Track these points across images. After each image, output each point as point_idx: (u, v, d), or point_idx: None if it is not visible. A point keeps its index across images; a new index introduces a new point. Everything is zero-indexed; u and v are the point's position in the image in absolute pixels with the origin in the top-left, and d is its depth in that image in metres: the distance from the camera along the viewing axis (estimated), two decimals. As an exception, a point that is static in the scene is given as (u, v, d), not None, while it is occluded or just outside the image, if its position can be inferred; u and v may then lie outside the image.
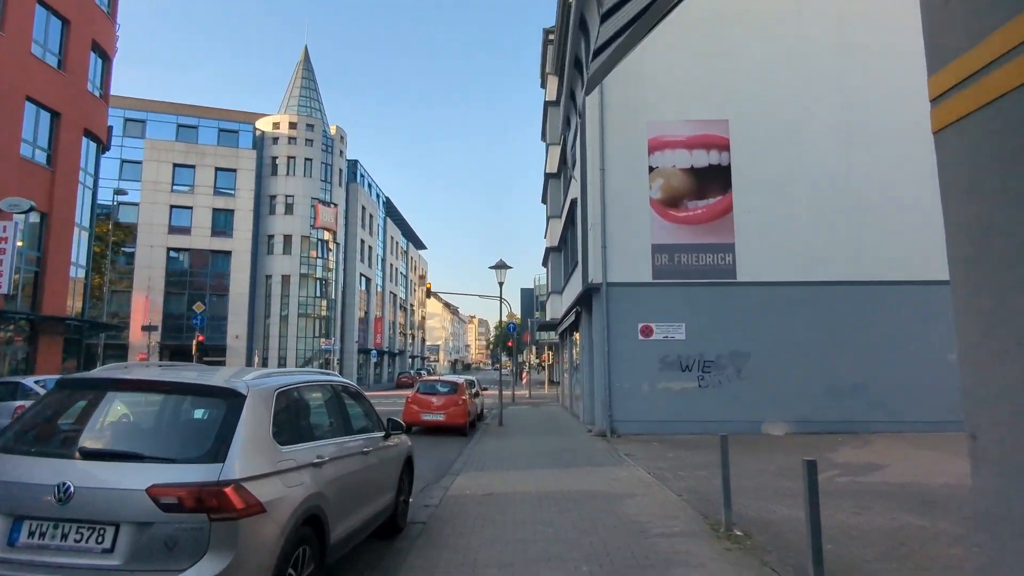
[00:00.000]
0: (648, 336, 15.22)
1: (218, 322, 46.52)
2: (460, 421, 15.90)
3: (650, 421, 14.92)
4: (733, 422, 14.74)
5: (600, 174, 15.69)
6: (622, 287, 15.39)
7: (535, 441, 14.30)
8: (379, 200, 67.38)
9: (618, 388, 15.05)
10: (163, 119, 47.32)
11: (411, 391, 16.83)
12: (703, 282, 15.37)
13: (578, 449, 12.66)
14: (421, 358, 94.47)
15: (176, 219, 46.30)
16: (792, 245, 15.42)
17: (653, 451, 12.16)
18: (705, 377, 15.07)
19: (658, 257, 15.50)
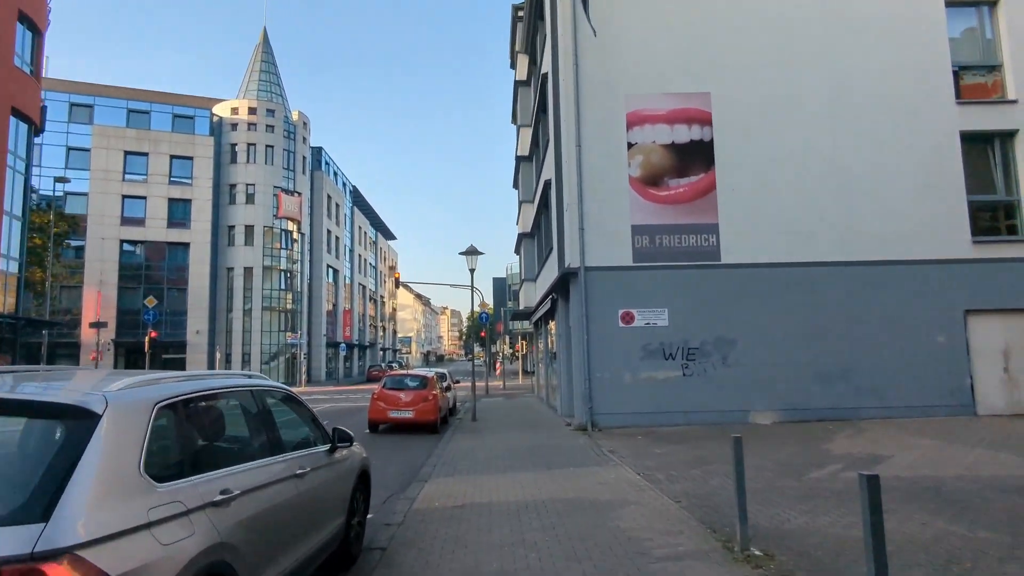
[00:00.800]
0: (629, 323, 14.33)
1: (177, 317, 44.50)
2: (430, 418, 14.84)
3: (633, 413, 14.06)
4: (719, 412, 14.00)
5: (576, 151, 14.68)
6: (601, 271, 14.45)
7: (511, 438, 13.32)
8: (346, 189, 65.45)
9: (598, 378, 14.15)
10: (112, 104, 44.81)
11: (378, 385, 15.69)
12: (686, 265, 14.52)
13: (558, 446, 11.71)
14: (393, 350, 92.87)
15: (129, 210, 43.99)
16: (778, 225, 14.65)
17: (638, 447, 11.27)
18: (689, 365, 14.25)
19: (639, 239, 14.59)
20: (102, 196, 43.00)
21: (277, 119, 49.48)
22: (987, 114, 15.18)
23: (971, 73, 15.46)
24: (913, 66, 15.13)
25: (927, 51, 15.20)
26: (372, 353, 75.84)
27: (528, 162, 26.54)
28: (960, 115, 15.04)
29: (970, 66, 15.45)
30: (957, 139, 14.93)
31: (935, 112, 15.03)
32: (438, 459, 10.75)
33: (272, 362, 47.68)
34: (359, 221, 69.95)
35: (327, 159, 58.94)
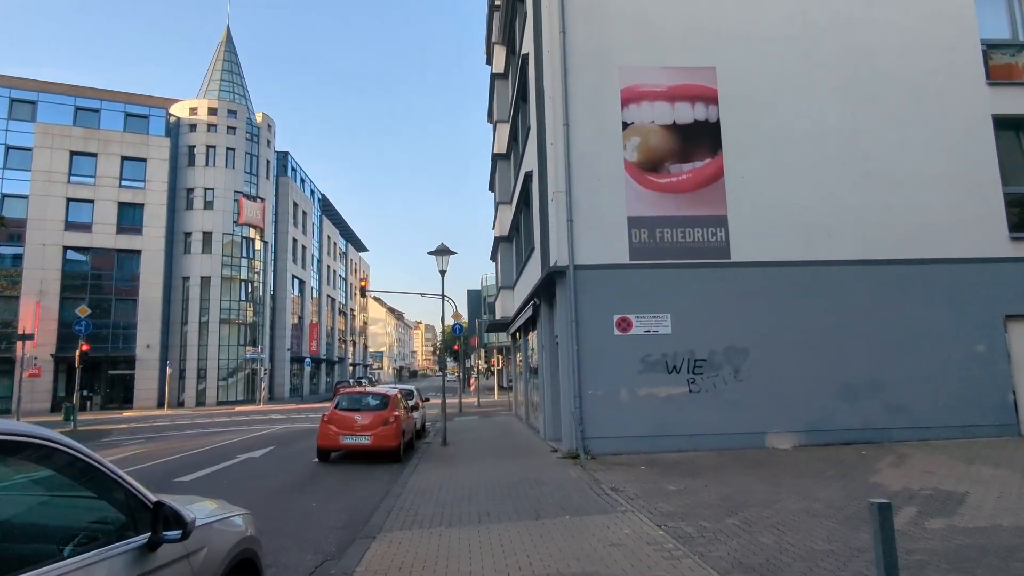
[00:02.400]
0: (626, 331, 12.24)
1: (126, 330, 41.26)
2: (391, 444, 12.51)
3: (631, 437, 11.93)
4: (731, 435, 11.95)
5: (563, 131, 12.64)
6: (593, 270, 12.37)
7: (488, 468, 11.06)
8: (314, 197, 62.76)
9: (590, 396, 12.00)
10: (58, 100, 41.73)
11: (329, 405, 13.30)
12: (691, 263, 12.52)
13: (546, 481, 9.49)
14: (364, 366, 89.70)
15: (75, 214, 40.78)
16: (793, 218, 12.77)
17: (645, 481, 9.11)
18: (696, 380, 12.19)
19: (636, 233, 12.56)
20: (44, 199, 39.76)
21: (239, 120, 46.81)
22: (1021, 97, 13.58)
23: (1000, 52, 13.87)
24: (939, 41, 13.48)
25: (953, 24, 13.58)
26: (341, 368, 72.73)
27: (505, 160, 24.51)
28: (992, 97, 13.41)
29: (999, 44, 13.86)
30: (990, 123, 13.27)
31: (964, 93, 13.38)
32: (396, 500, 8.47)
33: (230, 378, 44.56)
34: (328, 231, 67.20)
35: (294, 164, 56.30)
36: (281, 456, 13.82)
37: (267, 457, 13.61)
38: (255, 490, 9.66)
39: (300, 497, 9.08)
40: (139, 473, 11.57)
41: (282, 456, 13.83)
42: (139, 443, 17.61)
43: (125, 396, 40.93)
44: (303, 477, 10.89)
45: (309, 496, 9.17)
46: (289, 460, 13.13)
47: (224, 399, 43.51)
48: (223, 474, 11.30)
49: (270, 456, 13.80)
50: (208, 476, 11.04)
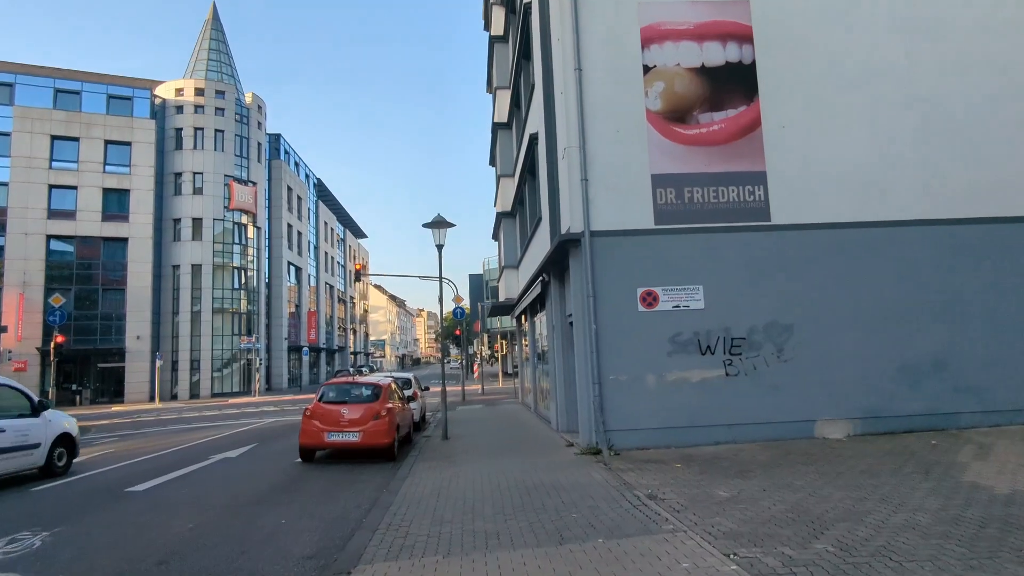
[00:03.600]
0: (652, 306, 10.57)
1: (114, 322, 39.73)
2: (383, 442, 10.90)
3: (660, 429, 10.31)
4: (775, 423, 10.35)
5: (575, 76, 10.88)
6: (612, 237, 10.68)
7: (495, 469, 9.45)
8: (309, 181, 60.92)
9: (612, 383, 10.36)
10: (37, 82, 39.83)
11: (313, 397, 11.67)
12: (726, 227, 10.83)
13: (565, 485, 7.87)
14: (365, 354, 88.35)
15: (58, 201, 39.06)
16: (843, 172, 11.05)
17: (688, 485, 7.49)
18: (734, 361, 10.55)
19: (662, 193, 10.85)
20: (25, 186, 38.02)
21: (228, 101, 44.88)
22: (1101, 29, 11.78)
23: (1075, -21, 12.04)
24: (1008, -34, 11.66)
25: (1025, -53, 11.75)
26: (342, 357, 71.32)
27: (507, 129, 22.71)
28: (1070, 29, 11.61)
29: (1075, -30, 12.03)
30: (1068, 60, 11.50)
31: (1038, 26, 11.58)
32: (384, 513, 6.86)
33: (225, 369, 43.07)
34: (325, 216, 65.40)
35: (287, 147, 54.41)
36: (260, 456, 12.24)
37: (244, 458, 12.03)
38: (218, 501, 8.07)
39: (268, 511, 7.48)
40: (91, 481, 9.99)
41: (261, 456, 12.25)
42: (113, 441, 16.06)
43: (116, 390, 39.48)
44: (279, 483, 9.30)
45: (280, 509, 7.57)
46: (268, 461, 11.55)
47: (219, 391, 42.07)
48: (187, 481, 9.71)
49: (248, 456, 12.22)
50: (168, 483, 9.45)
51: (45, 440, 10.25)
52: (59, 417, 10.95)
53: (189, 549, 5.95)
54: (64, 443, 10.75)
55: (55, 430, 10.55)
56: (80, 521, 7.12)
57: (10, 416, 9.74)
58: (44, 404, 10.58)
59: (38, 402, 10.44)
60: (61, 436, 10.67)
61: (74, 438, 11.09)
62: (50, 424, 10.46)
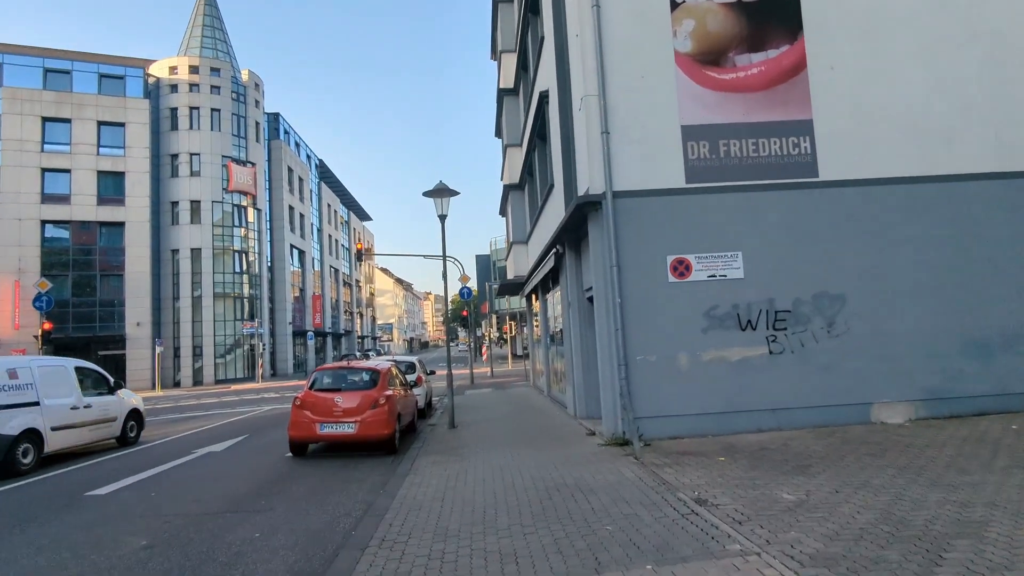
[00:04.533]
0: (684, 276, 9.28)
1: (113, 308, 38.77)
2: (382, 433, 9.72)
3: (696, 415, 9.07)
4: (826, 407, 9.10)
5: (592, 13, 9.47)
6: (638, 198, 9.35)
7: (510, 464, 8.25)
8: (310, 162, 59.53)
9: (640, 364, 9.10)
10: (25, 62, 38.49)
11: (304, 384, 10.47)
12: (767, 184, 9.48)
13: (594, 485, 6.66)
14: (372, 338, 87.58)
15: (51, 185, 37.90)
16: (900, 120, 9.64)
17: (742, 484, 6.25)
18: (778, 338, 9.26)
19: (693, 147, 9.50)
20: (17, 170, 36.88)
21: (224, 79, 43.41)
22: None
23: None
24: None
25: None
26: (349, 341, 70.46)
27: (513, 95, 21.28)
28: None
29: None
30: None
31: (1125, -54, 10.04)
32: (377, 525, 5.69)
33: (228, 355, 42.16)
34: (327, 198, 64.09)
35: (286, 127, 52.95)
36: (247, 450, 11.10)
37: (230, 452, 10.90)
38: (187, 508, 6.92)
39: (242, 521, 6.32)
40: (52, 483, 8.87)
41: (249, 450, 11.12)
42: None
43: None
44: (262, 483, 8.14)
45: (256, 518, 6.40)
46: (255, 455, 10.41)
47: (222, 377, 41.20)
48: (158, 481, 8.58)
49: (234, 451, 11.09)
50: (137, 485, 8.32)
51: (120, 414, 12.07)
52: (129, 395, 12.73)
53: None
54: (134, 417, 12.55)
55: (127, 406, 12.35)
56: (9, 539, 5.97)
57: (95, 394, 11.46)
58: (119, 384, 12.43)
59: (114, 382, 12.23)
60: (132, 411, 12.48)
61: (142, 413, 12.92)
62: (123, 401, 12.26)
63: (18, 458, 9.36)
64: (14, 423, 9.39)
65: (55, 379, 10.61)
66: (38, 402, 9.99)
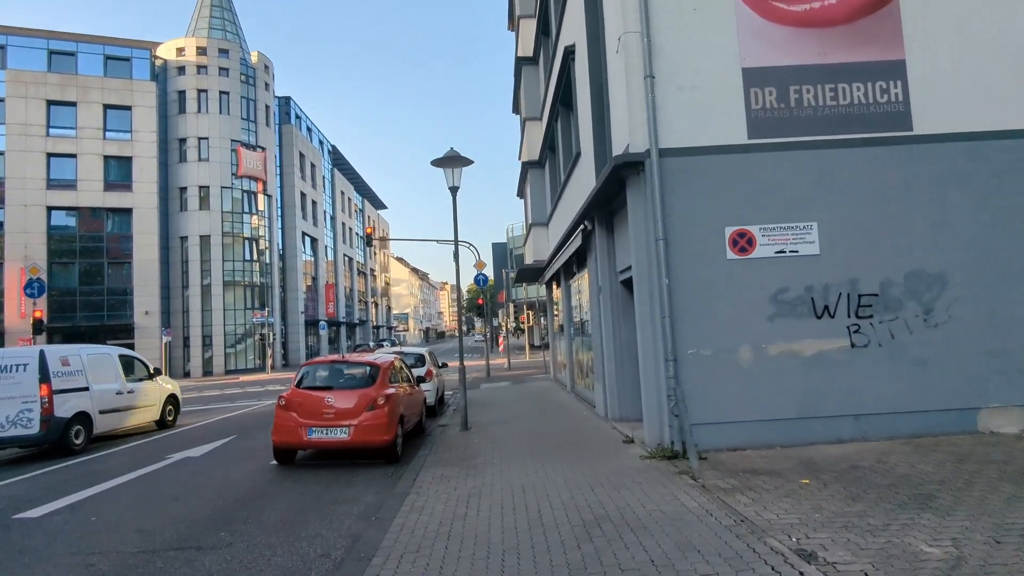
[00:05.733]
0: (747, 252, 7.60)
1: (121, 297, 37.84)
2: (380, 439, 8.20)
3: (759, 422, 7.41)
4: (922, 413, 7.38)
5: (634, -68, 7.76)
6: (689, 157, 7.67)
7: (534, 482, 6.67)
8: (323, 148, 58.23)
9: (691, 360, 7.46)
10: (29, 44, 37.47)
11: (291, 380, 8.97)
12: (849, 139, 7.74)
13: (646, 521, 5.06)
14: (387, 328, 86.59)
15: (57, 171, 36.97)
16: (1017, 57, 7.82)
17: (853, 525, 4.61)
18: (862, 327, 7.55)
19: (757, 95, 7.78)
20: (22, 155, 35.93)
21: (232, 61, 42.12)
22: None
23: None
24: None
25: None
26: (363, 331, 69.45)
27: (532, 64, 19.58)
28: None
29: None
30: None
31: None
32: (362, 572, 4.15)
33: (239, 344, 41.14)
34: (341, 185, 62.85)
35: (298, 111, 51.62)
36: (229, 456, 9.66)
37: (208, 458, 9.46)
38: (124, 541, 5.47)
39: (187, 564, 4.84)
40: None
41: (230, 456, 9.67)
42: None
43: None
44: (230, 504, 6.66)
45: (205, 560, 4.92)
46: (235, 464, 8.96)
47: (233, 367, 40.20)
48: (110, 498, 7.15)
49: (213, 456, 9.65)
50: (80, 504, 6.88)
51: (159, 399, 12.84)
52: (167, 381, 13.57)
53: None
54: (172, 402, 13.31)
55: (165, 392, 13.14)
56: None
57: (136, 380, 12.21)
58: (158, 370, 13.21)
59: (154, 369, 13.02)
60: (170, 396, 13.25)
61: (178, 398, 13.70)
62: (161, 387, 13.05)
63: (71, 439, 10.17)
64: (68, 406, 10.22)
65: (102, 366, 11.44)
66: (88, 387, 10.80)
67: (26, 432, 9.71)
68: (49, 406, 9.88)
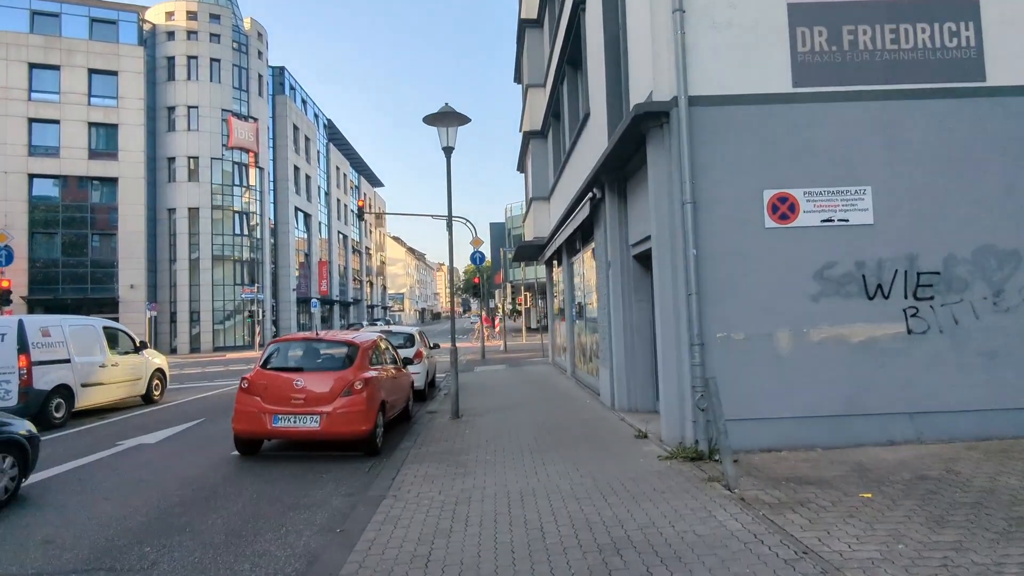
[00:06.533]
0: (788, 220, 6.48)
1: (106, 270, 36.61)
2: (356, 429, 7.12)
3: (799, 418, 6.35)
4: (990, 412, 6.31)
5: None
6: (723, 107, 6.52)
7: (536, 487, 5.62)
8: (318, 121, 56.63)
9: (721, 345, 6.38)
10: (11, 3, 35.76)
11: (255, 361, 7.85)
12: (910, 90, 6.59)
13: (682, 550, 3.99)
14: (382, 307, 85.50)
15: (38, 137, 35.53)
16: (1110, 0, 6.65)
17: (950, 560, 3.54)
18: (921, 310, 6.46)
19: (805, 35, 6.61)
20: (1, 119, 34.44)
21: (224, 27, 40.44)
22: None
23: None
24: None
25: None
26: (358, 310, 68.35)
27: (537, 27, 18.28)
28: None
29: None
30: None
31: None
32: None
33: (228, 321, 40.01)
34: (336, 161, 61.33)
35: (292, 82, 49.95)
36: (188, 443, 8.58)
37: (163, 446, 8.38)
38: (24, 560, 4.39)
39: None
40: None
41: (190, 443, 8.59)
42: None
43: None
44: (171, 507, 5.59)
45: None
46: (192, 453, 7.88)
47: (221, 344, 39.11)
48: (32, 497, 6.07)
49: (171, 443, 8.58)
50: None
51: (146, 374, 12.44)
52: (154, 355, 13.15)
53: None
54: (159, 377, 12.92)
55: (152, 366, 12.71)
56: None
57: (122, 353, 11.78)
58: (144, 344, 12.78)
59: (140, 343, 12.62)
60: (156, 371, 12.84)
61: (166, 372, 13.33)
62: (148, 361, 12.64)
63: (51, 412, 9.79)
64: (48, 378, 9.87)
65: (85, 338, 11.02)
66: (69, 359, 10.44)
67: (2, 404, 9.23)
68: (28, 378, 9.54)
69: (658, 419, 7.38)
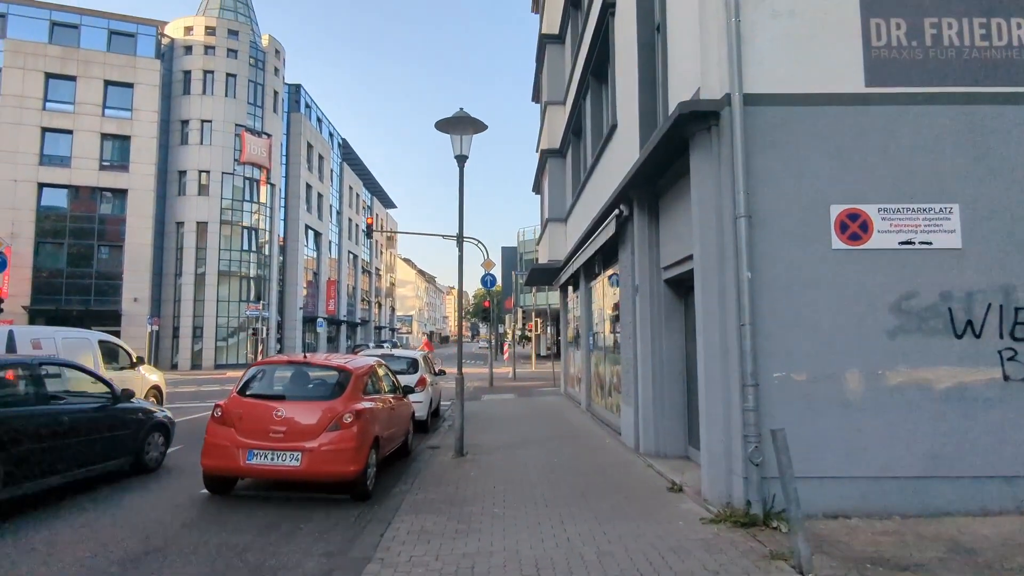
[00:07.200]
0: (860, 241, 5.49)
1: (110, 282, 35.93)
2: (343, 470, 6.09)
3: (871, 479, 5.28)
4: (1102, 479, 5.14)
5: None
6: (783, 107, 5.60)
7: (553, 556, 4.57)
8: (333, 141, 56.47)
9: (778, 387, 5.34)
10: (31, 13, 35.85)
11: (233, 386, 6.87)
12: (1006, 94, 5.63)
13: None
14: (391, 329, 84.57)
15: (51, 146, 35.20)
16: None
17: None
18: (1018, 353, 5.41)
19: (880, 27, 5.70)
20: (15, 128, 34.21)
21: (242, 42, 40.41)
22: None
23: None
24: None
25: None
26: (365, 331, 67.45)
27: (558, 43, 17.60)
28: None
29: None
30: None
31: None
32: None
33: (231, 338, 39.15)
34: (350, 180, 61.05)
35: (308, 100, 49.87)
36: (158, 476, 7.57)
37: (129, 478, 7.37)
38: None
39: None
40: None
41: (159, 476, 7.58)
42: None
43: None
44: (111, 563, 4.60)
45: None
46: (156, 490, 6.88)
47: (223, 362, 38.16)
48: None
49: (140, 474, 7.57)
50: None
51: (141, 391, 11.82)
52: (150, 372, 12.94)
53: None
54: (154, 394, 12.56)
55: (148, 383, 12.40)
56: None
57: (117, 368, 11.44)
58: (141, 359, 12.57)
59: (136, 358, 12.36)
60: (152, 388, 12.51)
61: (162, 390, 13.06)
62: (144, 377, 12.35)
63: None
64: None
65: (78, 351, 10.53)
66: None
67: None
68: None
69: (693, 468, 6.32)
